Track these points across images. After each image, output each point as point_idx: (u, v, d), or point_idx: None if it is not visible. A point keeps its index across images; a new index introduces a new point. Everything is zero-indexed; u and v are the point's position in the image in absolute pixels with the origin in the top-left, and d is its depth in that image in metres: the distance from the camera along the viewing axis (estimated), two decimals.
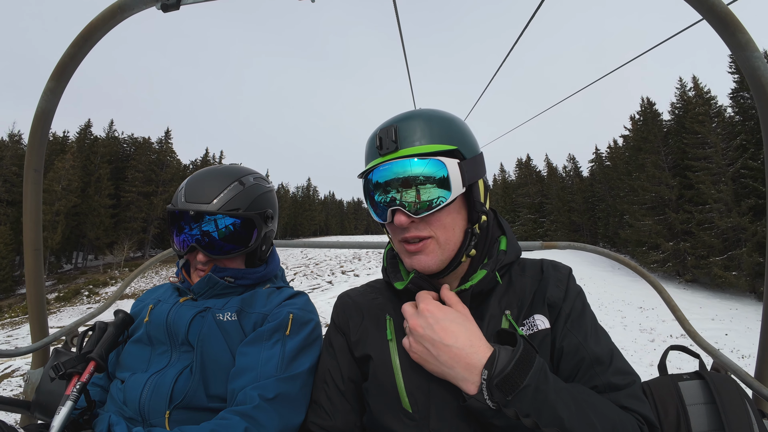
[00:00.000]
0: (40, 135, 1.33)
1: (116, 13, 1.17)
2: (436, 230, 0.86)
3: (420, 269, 0.88)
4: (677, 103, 29.66)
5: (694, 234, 25.11)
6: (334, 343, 1.01)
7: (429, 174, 0.83)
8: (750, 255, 21.71)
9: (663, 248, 26.83)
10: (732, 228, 23.08)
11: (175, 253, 1.29)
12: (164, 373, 1.02)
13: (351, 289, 1.11)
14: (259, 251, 1.26)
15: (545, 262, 0.97)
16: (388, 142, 0.86)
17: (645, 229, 28.09)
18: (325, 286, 27.46)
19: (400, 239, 0.89)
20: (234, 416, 0.89)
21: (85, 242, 45.56)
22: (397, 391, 0.84)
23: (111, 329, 1.08)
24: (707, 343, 1.26)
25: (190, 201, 1.14)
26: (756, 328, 15.48)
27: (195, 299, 1.16)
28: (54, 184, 38.82)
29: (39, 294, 1.43)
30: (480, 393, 0.71)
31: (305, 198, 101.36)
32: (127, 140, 55.76)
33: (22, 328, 25.02)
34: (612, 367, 0.80)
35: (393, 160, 0.84)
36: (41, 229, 1.41)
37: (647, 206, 28.58)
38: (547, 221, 48.61)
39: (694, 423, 0.99)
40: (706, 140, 25.07)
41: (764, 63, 0.94)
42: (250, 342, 1.04)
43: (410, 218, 0.84)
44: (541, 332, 0.85)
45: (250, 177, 1.26)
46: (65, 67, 1.25)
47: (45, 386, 1.23)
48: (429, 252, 0.87)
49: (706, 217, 24.21)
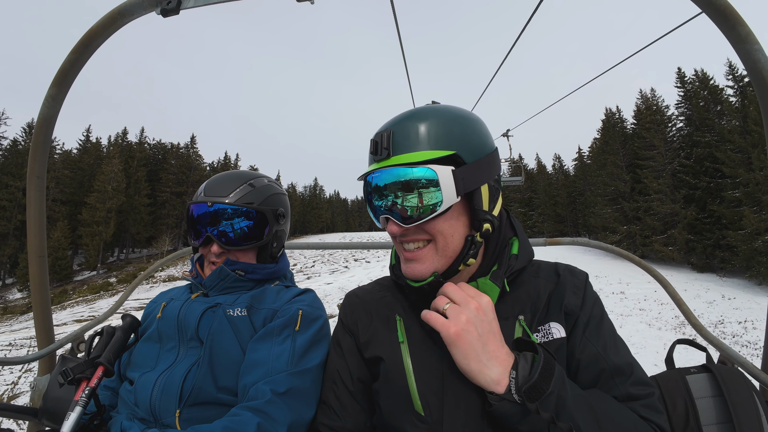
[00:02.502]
0: (42, 142, 1.33)
1: (116, 18, 1.17)
2: (434, 236, 0.83)
3: (412, 278, 0.85)
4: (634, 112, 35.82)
5: (641, 219, 31.26)
6: (342, 343, 1.00)
7: (417, 183, 0.80)
8: (681, 233, 27.80)
9: (619, 231, 33.03)
10: (669, 213, 29.18)
11: (190, 248, 1.37)
12: (172, 371, 1.02)
13: (359, 288, 1.10)
14: (271, 248, 1.30)
15: (560, 266, 0.94)
16: (381, 149, 0.84)
17: (606, 216, 34.33)
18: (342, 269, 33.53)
19: (399, 242, 0.88)
20: (246, 412, 0.89)
21: (127, 236, 51.73)
22: (409, 394, 0.82)
23: (119, 333, 1.07)
24: (714, 337, 1.26)
25: (209, 195, 1.22)
26: (692, 289, 20.41)
27: (206, 294, 1.19)
28: (105, 185, 44.97)
29: (44, 301, 1.42)
30: (509, 392, 0.70)
31: (312, 197, 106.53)
32: (156, 146, 61.95)
33: (98, 302, 30.89)
34: (632, 378, 0.79)
35: (383, 168, 0.82)
36: (45, 235, 1.42)
37: (608, 198, 34.78)
38: (535, 214, 54.61)
39: (703, 416, 0.98)
40: (651, 143, 31.14)
41: (764, 56, 0.92)
42: (260, 338, 1.06)
43: (400, 227, 0.83)
44: (556, 341, 0.82)
45: (263, 179, 1.33)
46: (66, 73, 1.26)
47: (52, 393, 1.26)
48: (424, 260, 0.84)
49: (650, 205, 30.30)
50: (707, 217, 27.73)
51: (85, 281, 41.68)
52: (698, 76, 31.61)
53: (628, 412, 0.75)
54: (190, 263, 1.30)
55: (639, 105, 35.09)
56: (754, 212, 23.13)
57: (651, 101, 34.00)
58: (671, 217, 29.27)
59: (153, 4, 1.15)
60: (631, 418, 0.74)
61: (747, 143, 24.13)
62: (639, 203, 31.42)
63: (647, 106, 33.72)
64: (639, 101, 35.32)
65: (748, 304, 19.24)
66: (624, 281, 23.83)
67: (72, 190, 47.49)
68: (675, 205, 28.63)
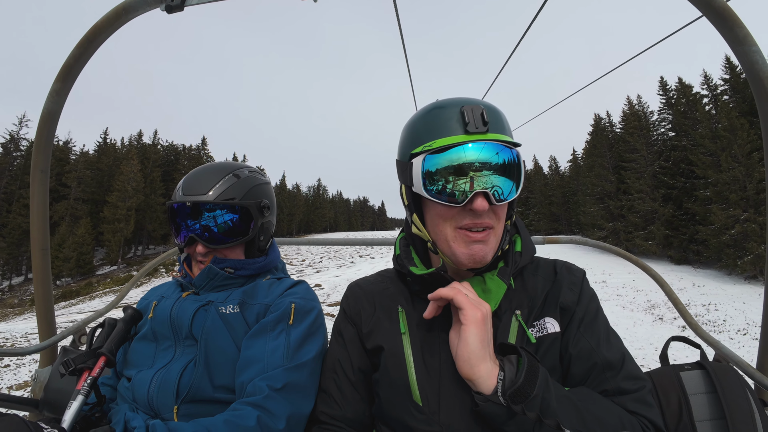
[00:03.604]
0: (46, 136, 1.32)
1: (121, 15, 1.16)
2: (496, 222, 0.84)
3: (478, 260, 0.83)
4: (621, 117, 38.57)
5: (625, 216, 33.92)
6: (344, 333, 1.00)
7: (512, 163, 0.82)
8: (659, 229, 30.48)
9: (605, 228, 35.72)
10: (649, 211, 31.83)
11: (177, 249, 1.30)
12: (169, 369, 1.02)
13: (361, 279, 1.10)
14: (258, 241, 1.26)
15: (558, 263, 0.96)
16: (478, 122, 0.81)
17: (594, 214, 37.04)
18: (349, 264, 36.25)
19: (461, 226, 0.84)
20: (245, 407, 0.90)
21: (144, 233, 54.57)
22: (408, 385, 0.84)
23: (120, 325, 1.08)
24: (709, 335, 1.25)
25: (187, 194, 1.16)
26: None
27: (197, 293, 1.16)
28: (125, 185, 47.79)
29: (47, 293, 1.42)
30: (495, 394, 0.71)
31: (316, 197, 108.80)
32: (168, 147, 64.80)
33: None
34: (623, 372, 0.80)
35: (487, 141, 0.80)
36: (48, 229, 1.41)
37: (596, 197, 37.45)
38: (531, 213, 57.25)
39: (696, 412, 0.99)
40: (634, 147, 33.81)
41: (763, 58, 0.93)
42: (254, 334, 1.05)
43: (490, 204, 0.81)
44: (550, 335, 0.84)
45: (244, 170, 1.27)
46: (70, 68, 1.25)
47: (54, 384, 1.26)
48: (489, 242, 0.84)
49: (632, 204, 32.96)
50: (683, 214, 30.44)
51: (107, 275, 44.48)
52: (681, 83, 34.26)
53: (614, 408, 0.76)
54: (179, 263, 1.27)
55: (625, 111, 37.79)
56: (722, 209, 25.82)
57: (636, 108, 36.73)
58: (651, 214, 31.98)
59: (158, 1, 1.13)
60: (617, 413, 0.75)
61: (717, 147, 26.83)
62: (623, 202, 34.17)
63: (632, 112, 36.45)
64: (626, 107, 38.03)
65: (715, 291, 22.03)
66: (607, 272, 26.57)
67: (93, 189, 50.28)
68: (654, 204, 31.36)
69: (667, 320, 18.05)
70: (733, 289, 22.78)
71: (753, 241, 23.66)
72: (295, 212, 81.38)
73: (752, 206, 24.61)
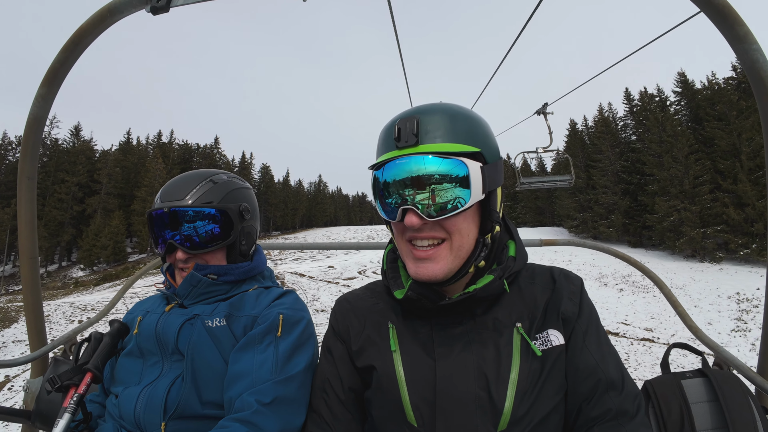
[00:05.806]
0: (33, 142, 1.29)
1: (106, 16, 1.14)
2: (451, 234, 0.81)
3: (425, 278, 0.82)
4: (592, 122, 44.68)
5: (592, 208, 40.12)
6: (333, 350, 0.97)
7: (447, 174, 0.77)
8: (618, 218, 36.72)
9: (576, 218, 42.04)
10: (611, 203, 38.01)
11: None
12: (156, 385, 1.00)
13: (350, 293, 1.07)
14: (240, 245, 1.24)
15: (555, 271, 0.93)
16: (408, 135, 0.80)
17: (568, 207, 43.31)
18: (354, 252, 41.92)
19: (408, 238, 0.84)
20: (234, 423, 0.88)
21: None
22: (401, 404, 0.81)
23: (107, 339, 1.06)
24: (710, 340, 1.24)
25: (165, 201, 1.16)
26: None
27: (182, 305, 1.15)
28: (153, 181, 52.99)
29: (36, 302, 1.39)
30: None
31: (317, 193, 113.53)
32: (183, 146, 69.83)
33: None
34: (624, 392, 0.80)
35: (411, 155, 0.78)
36: (36, 237, 1.38)
37: (570, 191, 43.58)
38: (519, 206, 63.25)
39: (698, 421, 0.97)
40: (600, 149, 39.93)
41: (763, 55, 0.92)
42: (242, 347, 1.02)
43: (422, 220, 0.79)
44: (556, 348, 0.82)
45: (222, 176, 1.26)
46: (56, 72, 1.22)
47: (45, 395, 1.24)
48: (439, 259, 0.81)
49: (598, 197, 39.15)
50: (638, 205, 36.68)
51: (139, 261, 49.75)
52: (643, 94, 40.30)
53: None
54: (162, 273, 1.27)
55: (596, 117, 43.94)
56: (665, 200, 32.08)
57: (605, 114, 42.93)
58: (612, 206, 38.21)
59: (143, 2, 1.11)
60: None
61: (662, 150, 32.98)
62: (590, 196, 40.41)
63: (603, 118, 42.64)
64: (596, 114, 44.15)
65: (656, 266, 28.51)
66: (574, 254, 32.71)
67: (121, 185, 55.35)
68: (615, 197, 37.64)
69: (610, 285, 24.91)
70: (671, 264, 29.84)
71: (687, 226, 29.91)
72: (299, 207, 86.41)
73: (688, 198, 30.78)
